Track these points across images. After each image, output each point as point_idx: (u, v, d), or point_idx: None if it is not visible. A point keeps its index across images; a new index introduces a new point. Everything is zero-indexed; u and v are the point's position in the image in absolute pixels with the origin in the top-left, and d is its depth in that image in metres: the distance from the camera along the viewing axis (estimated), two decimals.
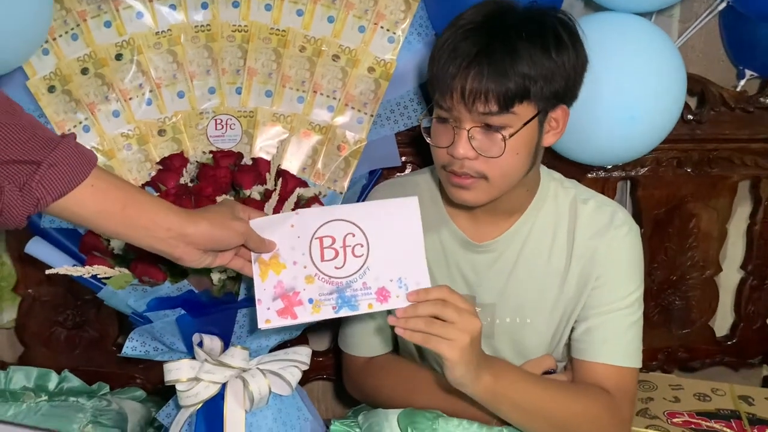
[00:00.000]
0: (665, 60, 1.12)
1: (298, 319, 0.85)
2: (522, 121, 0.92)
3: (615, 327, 1.02)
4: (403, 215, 0.87)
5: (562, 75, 0.92)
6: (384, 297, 0.85)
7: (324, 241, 0.86)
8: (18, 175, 0.67)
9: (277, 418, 1.02)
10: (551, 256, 1.05)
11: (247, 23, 1.13)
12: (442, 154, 0.96)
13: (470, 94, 0.89)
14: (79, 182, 0.70)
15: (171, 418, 1.04)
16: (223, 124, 1.14)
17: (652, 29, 1.14)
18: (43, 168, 0.67)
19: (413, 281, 0.85)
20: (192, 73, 1.13)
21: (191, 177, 1.07)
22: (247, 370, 0.99)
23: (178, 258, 0.79)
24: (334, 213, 0.88)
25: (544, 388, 0.97)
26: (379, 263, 0.86)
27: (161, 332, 0.98)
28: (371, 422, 0.99)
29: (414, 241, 0.86)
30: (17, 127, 0.67)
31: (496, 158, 0.92)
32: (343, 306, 0.85)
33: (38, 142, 0.68)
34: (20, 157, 0.66)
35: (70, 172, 0.69)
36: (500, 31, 0.90)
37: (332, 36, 1.14)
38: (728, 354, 1.51)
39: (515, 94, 0.89)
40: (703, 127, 1.35)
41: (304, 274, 0.86)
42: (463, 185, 0.96)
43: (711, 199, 1.41)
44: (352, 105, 1.16)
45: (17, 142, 0.66)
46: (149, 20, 1.11)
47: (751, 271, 1.48)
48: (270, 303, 0.85)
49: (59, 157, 0.68)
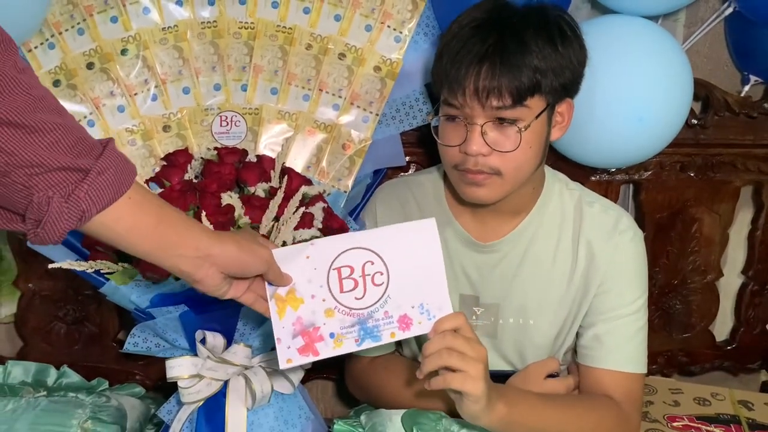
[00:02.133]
0: (673, 62, 1.13)
1: (320, 355, 0.82)
2: (534, 114, 0.93)
3: (623, 333, 1.03)
4: (422, 238, 0.85)
5: (569, 67, 0.93)
6: (406, 325, 0.83)
7: (342, 272, 0.84)
8: (64, 184, 0.59)
9: (278, 417, 1.02)
10: (556, 257, 1.05)
11: (254, 20, 1.12)
12: (453, 154, 0.96)
13: (484, 90, 0.90)
14: (123, 191, 0.63)
15: (172, 415, 1.04)
16: (228, 120, 1.14)
17: (659, 32, 1.15)
18: (91, 176, 0.60)
19: (435, 306, 0.84)
20: (198, 70, 1.13)
21: (195, 173, 1.07)
22: (250, 367, 0.99)
23: (199, 280, 0.75)
24: (350, 241, 0.85)
25: (555, 408, 0.97)
26: (400, 290, 0.84)
27: (164, 328, 0.97)
28: (374, 422, 0.99)
29: (434, 264, 0.84)
30: (66, 128, 0.60)
31: (511, 152, 0.92)
32: (366, 338, 0.83)
33: (85, 146, 0.61)
34: (68, 164, 0.59)
35: (116, 180, 0.63)
36: (508, 26, 0.91)
37: (339, 34, 1.14)
38: (728, 359, 1.51)
39: (528, 87, 0.90)
40: (707, 131, 1.36)
41: (323, 308, 0.83)
42: (477, 182, 0.96)
43: (713, 204, 1.41)
44: (358, 104, 1.16)
45: (69, 145, 0.60)
46: (156, 16, 1.10)
47: (752, 277, 1.48)
48: (290, 341, 0.82)
49: (106, 164, 0.62)
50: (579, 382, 1.07)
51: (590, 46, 0.97)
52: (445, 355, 0.81)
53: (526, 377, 1.06)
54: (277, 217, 1.00)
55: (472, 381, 0.82)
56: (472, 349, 0.82)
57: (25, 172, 0.58)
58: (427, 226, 0.85)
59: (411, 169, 1.32)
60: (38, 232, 0.61)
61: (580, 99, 1.00)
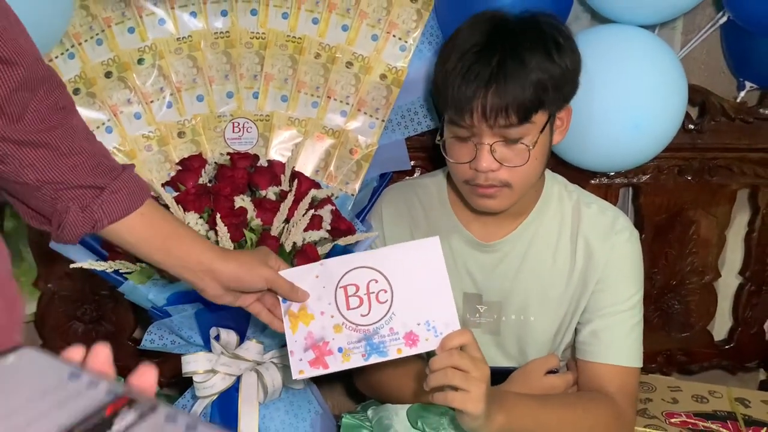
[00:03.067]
0: (668, 71, 1.16)
1: (330, 368, 0.86)
2: (539, 129, 0.96)
3: (619, 329, 1.06)
4: (426, 257, 0.87)
5: (567, 77, 0.96)
6: (413, 341, 0.85)
7: (348, 290, 0.87)
8: (83, 198, 0.73)
9: (289, 411, 1.06)
10: (555, 256, 1.09)
11: (265, 30, 1.17)
12: (463, 170, 0.99)
13: (492, 111, 0.92)
14: (134, 209, 0.76)
15: (187, 409, 1.08)
16: (240, 127, 1.18)
17: (655, 41, 1.18)
18: (105, 193, 0.74)
19: (442, 323, 0.85)
20: (211, 78, 1.17)
21: (209, 177, 1.11)
22: (262, 363, 1.03)
23: (201, 289, 0.84)
24: (355, 260, 0.88)
25: (553, 410, 0.98)
26: (405, 308, 0.85)
27: (179, 326, 1.01)
28: (381, 416, 1.02)
29: (439, 281, 0.86)
30: (89, 153, 0.73)
31: (520, 167, 0.96)
32: (372, 353, 0.85)
33: (104, 169, 0.74)
34: (87, 182, 0.73)
35: (127, 199, 0.75)
36: (507, 46, 0.93)
37: (346, 44, 1.18)
38: (726, 358, 1.53)
39: (532, 105, 0.93)
40: (704, 136, 1.38)
41: (332, 324, 0.86)
42: (488, 194, 1.00)
43: (711, 207, 1.43)
44: (365, 110, 1.20)
45: (89, 168, 0.73)
46: (171, 27, 1.15)
47: (749, 278, 1.50)
48: (302, 354, 0.86)
49: (120, 185, 0.75)
50: (577, 377, 1.10)
51: (588, 55, 1.00)
52: (450, 374, 0.83)
53: (527, 373, 1.09)
54: (288, 219, 1.04)
55: (472, 402, 0.83)
56: (476, 368, 0.83)
57: (52, 187, 0.72)
58: (431, 244, 0.87)
59: (416, 172, 1.35)
60: (59, 234, 0.74)
61: (580, 106, 1.04)
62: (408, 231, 1.14)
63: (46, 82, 0.70)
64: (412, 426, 1.00)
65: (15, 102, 0.67)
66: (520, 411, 0.93)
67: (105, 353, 0.38)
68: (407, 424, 1.00)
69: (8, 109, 0.67)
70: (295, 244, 1.03)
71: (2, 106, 0.66)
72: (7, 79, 0.66)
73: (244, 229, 1.01)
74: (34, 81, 0.68)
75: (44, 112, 0.70)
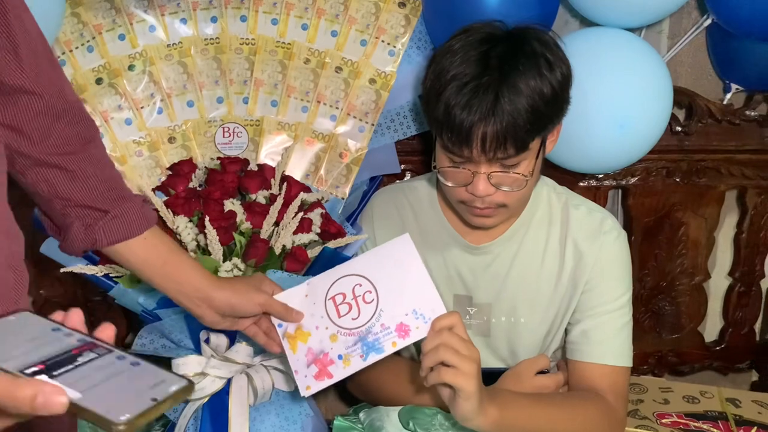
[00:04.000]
0: (652, 72, 1.17)
1: (335, 377, 0.90)
2: (535, 154, 0.97)
3: (609, 329, 1.07)
4: (401, 253, 0.92)
5: (560, 96, 0.96)
6: (405, 332, 0.89)
7: (336, 299, 0.91)
8: (87, 218, 0.79)
9: (279, 413, 1.06)
10: (545, 258, 1.10)
11: (255, 36, 1.17)
12: (460, 192, 1.00)
13: (490, 144, 0.92)
14: (134, 236, 0.81)
15: (177, 412, 1.08)
16: (230, 132, 1.18)
17: (640, 44, 1.19)
18: (108, 217, 0.79)
19: (428, 309, 0.89)
20: (201, 84, 1.17)
21: (200, 182, 1.12)
22: (252, 365, 1.03)
23: (200, 316, 0.88)
24: (338, 272, 0.93)
25: (545, 409, 0.99)
26: (391, 303, 0.90)
27: (170, 329, 1.02)
28: (372, 418, 1.03)
29: (418, 273, 0.90)
30: (101, 179, 0.79)
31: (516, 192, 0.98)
32: (370, 352, 0.89)
33: (113, 195, 0.80)
34: (93, 204, 0.78)
35: (128, 225, 0.80)
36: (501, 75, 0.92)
37: (335, 49, 1.19)
38: (717, 359, 1.54)
39: (529, 134, 0.93)
40: (691, 138, 1.39)
41: (327, 335, 0.91)
42: (485, 215, 1.01)
43: (699, 208, 1.44)
44: (354, 114, 1.21)
45: (98, 192, 0.79)
46: (161, 33, 1.15)
47: (738, 278, 1.51)
48: (306, 371, 0.90)
49: (123, 212, 0.80)
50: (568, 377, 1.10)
51: (574, 57, 1.00)
52: (441, 351, 0.85)
53: (518, 374, 1.10)
54: (277, 222, 1.05)
55: (464, 377, 0.84)
56: (466, 347, 0.85)
57: (61, 202, 0.78)
58: (403, 241, 0.92)
59: (406, 176, 1.36)
60: (63, 245, 0.82)
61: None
62: (399, 233, 1.14)
63: (69, 113, 0.76)
64: (404, 427, 1.00)
65: (37, 127, 0.73)
66: (513, 407, 0.94)
67: (79, 315, 0.51)
68: (399, 426, 1.01)
69: (30, 132, 0.73)
70: (284, 247, 1.03)
71: (25, 129, 0.72)
72: (28, 106, 0.71)
73: (233, 233, 1.02)
74: (57, 110, 0.74)
75: (65, 138, 0.75)
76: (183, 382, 0.46)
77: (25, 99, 0.71)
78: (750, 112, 1.40)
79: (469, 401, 0.86)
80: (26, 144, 0.73)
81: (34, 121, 0.72)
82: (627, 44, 1.17)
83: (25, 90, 0.70)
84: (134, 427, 0.42)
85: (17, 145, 0.73)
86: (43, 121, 0.73)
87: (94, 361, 0.46)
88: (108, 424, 0.41)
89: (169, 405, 0.45)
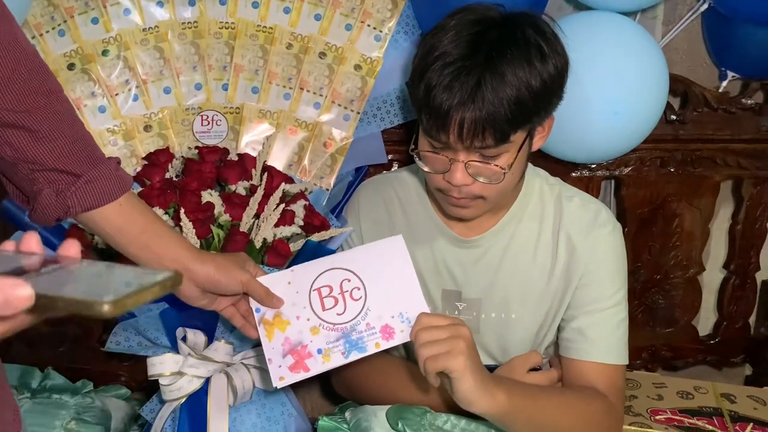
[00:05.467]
0: (648, 57, 1.14)
1: (311, 371, 0.87)
2: (517, 147, 0.93)
3: (605, 326, 1.04)
4: (392, 253, 0.90)
5: (550, 90, 0.92)
6: (389, 334, 0.87)
7: (322, 291, 0.89)
8: (58, 183, 0.73)
9: (261, 413, 1.03)
10: (537, 252, 1.06)
11: (234, 20, 1.14)
12: (437, 179, 0.97)
13: (468, 132, 0.89)
14: (108, 201, 0.75)
15: (154, 413, 1.04)
16: (209, 120, 1.15)
17: (634, 28, 1.16)
18: (80, 182, 0.73)
19: (413, 313, 0.87)
20: (178, 69, 1.13)
21: (177, 172, 1.08)
22: (231, 364, 1.00)
23: (178, 290, 0.83)
24: (326, 263, 0.91)
25: (550, 398, 0.97)
26: (378, 302, 0.88)
27: (145, 327, 0.98)
28: (359, 418, 0.99)
29: (407, 275, 0.89)
30: (70, 140, 0.73)
31: (494, 184, 0.94)
32: (352, 350, 0.87)
33: (84, 157, 0.74)
34: (64, 168, 0.72)
35: (102, 190, 0.75)
36: (488, 60, 0.89)
37: (319, 33, 1.15)
38: (711, 353, 1.52)
39: (510, 125, 0.90)
40: (686, 127, 1.37)
41: (308, 327, 0.88)
42: (461, 205, 0.98)
43: (694, 199, 1.42)
44: (339, 102, 1.17)
45: (67, 153, 0.73)
46: (136, 17, 1.11)
47: (733, 271, 1.49)
48: (281, 360, 0.87)
49: (97, 176, 0.74)
50: (562, 374, 1.07)
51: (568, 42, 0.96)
52: (422, 351, 0.83)
53: (510, 370, 1.07)
54: (258, 215, 1.01)
55: (454, 358, 0.82)
56: (444, 331, 0.84)
57: (27, 166, 0.72)
58: (396, 242, 0.91)
59: (393, 166, 1.33)
60: (33, 215, 0.75)
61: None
62: (386, 226, 1.11)
63: (25, 63, 0.70)
64: (392, 427, 0.97)
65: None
66: (521, 394, 0.92)
67: (35, 237, 0.47)
68: (387, 426, 0.98)
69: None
70: (265, 240, 0.99)
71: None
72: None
73: (211, 225, 0.98)
74: (10, 60, 0.68)
75: (25, 92, 0.69)
76: (170, 273, 0.44)
77: None
78: (746, 101, 1.38)
79: (465, 379, 0.83)
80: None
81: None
82: (622, 28, 1.14)
83: None
84: (122, 308, 0.39)
85: None
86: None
87: (61, 269, 0.43)
88: (90, 305, 0.38)
89: (158, 292, 0.42)
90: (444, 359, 0.82)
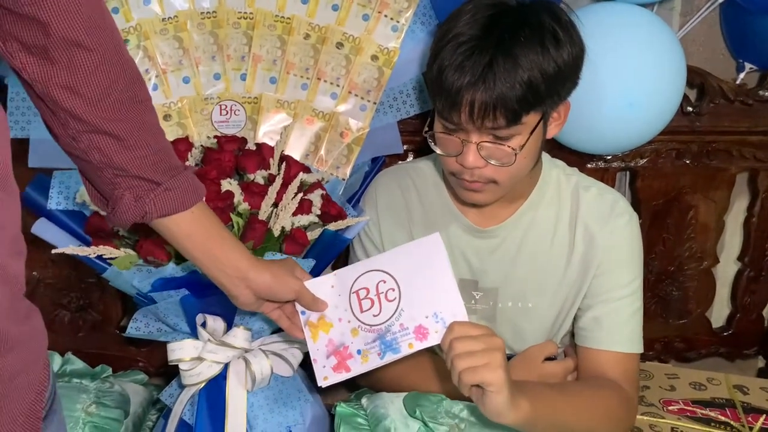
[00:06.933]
0: (665, 49, 1.13)
1: (352, 371, 0.88)
2: (530, 129, 0.93)
3: (621, 315, 1.05)
4: (429, 252, 0.89)
5: (564, 75, 0.93)
6: (423, 335, 0.86)
7: (360, 294, 0.90)
8: (138, 189, 0.77)
9: (278, 399, 1.04)
10: (554, 241, 1.07)
11: (253, 10, 1.14)
12: (451, 162, 0.97)
13: (479, 112, 0.90)
14: (183, 209, 0.79)
15: (174, 398, 1.06)
16: (227, 109, 1.15)
17: (652, 19, 1.15)
18: (159, 189, 0.77)
19: (449, 313, 0.86)
20: (197, 59, 1.14)
21: (196, 161, 1.09)
22: (250, 350, 1.01)
23: (235, 296, 0.86)
24: (365, 265, 0.91)
25: (569, 399, 0.96)
26: (412, 303, 0.88)
27: (165, 313, 0.99)
28: (376, 404, 1.00)
29: (443, 274, 0.88)
30: (153, 149, 0.76)
31: (506, 167, 0.94)
32: (387, 351, 0.87)
33: (164, 166, 0.77)
34: (146, 176, 0.76)
35: (179, 198, 0.78)
36: (502, 42, 0.89)
37: (336, 24, 1.15)
38: (724, 345, 1.52)
39: (522, 106, 0.90)
40: (703, 119, 1.36)
41: (349, 329, 0.89)
42: (474, 189, 0.98)
43: (709, 191, 1.42)
44: (356, 92, 1.17)
45: (150, 163, 0.76)
46: (156, 7, 1.12)
47: (748, 263, 1.49)
48: (325, 361, 0.89)
49: (175, 185, 0.78)
50: (577, 364, 1.08)
51: (585, 32, 0.96)
52: (456, 363, 0.82)
53: (526, 360, 1.08)
54: (276, 203, 1.02)
55: (490, 371, 0.81)
56: (481, 342, 0.82)
57: (112, 172, 0.75)
58: (434, 241, 0.89)
59: (408, 156, 1.33)
60: (111, 216, 0.79)
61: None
62: (404, 216, 1.12)
63: (126, 72, 0.73)
64: (410, 415, 0.98)
65: (93, 85, 0.70)
66: (542, 399, 0.91)
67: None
68: (404, 412, 0.99)
69: (86, 92, 0.70)
70: (283, 228, 1.00)
71: (80, 88, 0.69)
72: (83, 62, 0.68)
73: (230, 213, 0.99)
74: (113, 70, 0.71)
75: (121, 101, 0.72)
76: None
77: (80, 55, 0.68)
78: (764, 93, 1.36)
79: (501, 393, 0.82)
80: (81, 105, 0.70)
81: (90, 79, 0.69)
82: (640, 19, 1.14)
83: (79, 44, 0.67)
84: None
85: (71, 105, 0.70)
86: (99, 80, 0.70)
87: None
88: None
89: None
90: (482, 372, 0.81)
